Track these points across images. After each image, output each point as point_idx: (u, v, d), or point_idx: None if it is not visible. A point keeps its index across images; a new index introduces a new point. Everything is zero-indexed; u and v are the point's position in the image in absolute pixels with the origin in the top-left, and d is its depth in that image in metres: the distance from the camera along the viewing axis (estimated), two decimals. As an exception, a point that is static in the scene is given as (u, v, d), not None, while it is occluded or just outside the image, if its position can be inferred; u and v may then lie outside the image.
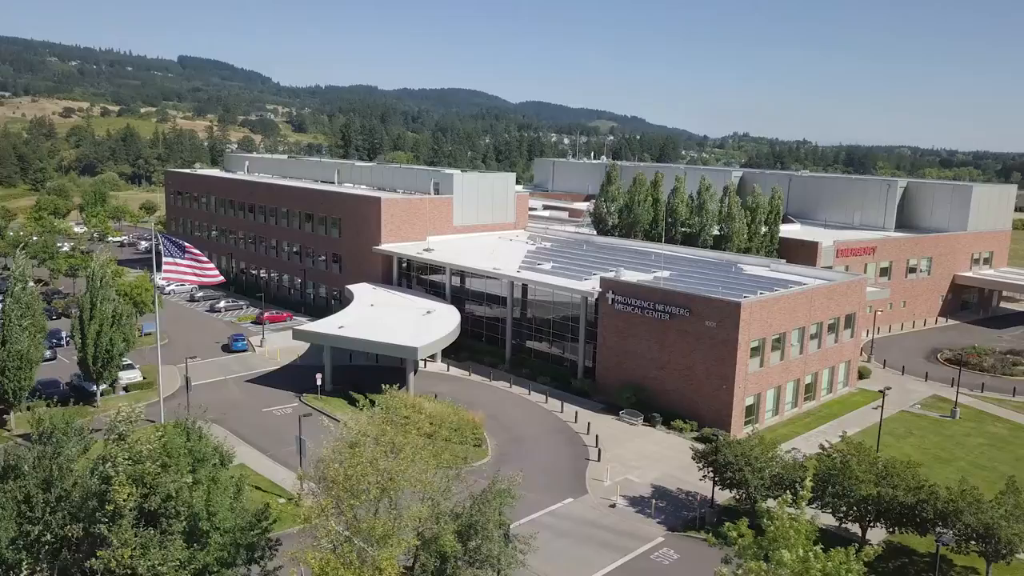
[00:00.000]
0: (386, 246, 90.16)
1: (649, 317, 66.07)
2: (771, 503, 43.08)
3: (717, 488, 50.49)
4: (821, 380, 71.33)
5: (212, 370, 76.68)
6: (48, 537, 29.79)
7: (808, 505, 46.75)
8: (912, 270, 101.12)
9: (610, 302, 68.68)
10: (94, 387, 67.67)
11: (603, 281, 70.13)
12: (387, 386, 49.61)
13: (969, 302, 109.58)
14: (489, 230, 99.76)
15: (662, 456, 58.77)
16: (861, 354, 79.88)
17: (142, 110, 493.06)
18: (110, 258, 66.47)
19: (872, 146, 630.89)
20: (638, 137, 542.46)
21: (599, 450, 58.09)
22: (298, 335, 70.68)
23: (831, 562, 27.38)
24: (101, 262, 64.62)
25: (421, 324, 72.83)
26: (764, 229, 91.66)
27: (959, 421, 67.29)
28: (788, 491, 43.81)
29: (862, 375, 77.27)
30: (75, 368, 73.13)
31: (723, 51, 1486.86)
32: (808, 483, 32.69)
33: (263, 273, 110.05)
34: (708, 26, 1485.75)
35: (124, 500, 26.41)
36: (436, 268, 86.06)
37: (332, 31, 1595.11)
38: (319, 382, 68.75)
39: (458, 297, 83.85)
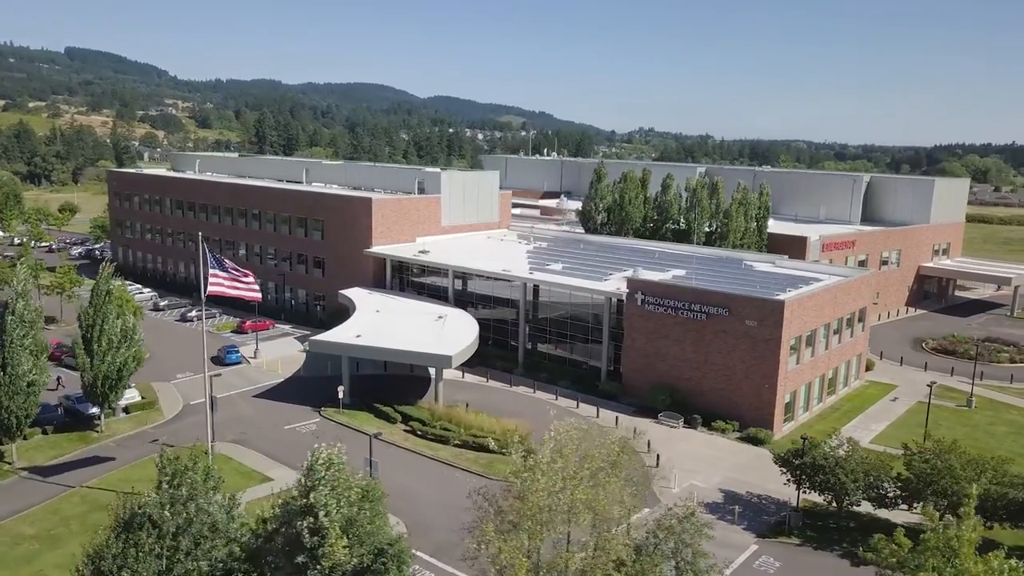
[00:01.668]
0: (378, 248, 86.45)
1: (683, 317, 65.24)
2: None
3: (788, 490, 50.28)
4: (840, 374, 72.30)
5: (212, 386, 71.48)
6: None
7: (900, 507, 47.17)
8: (884, 262, 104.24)
9: (639, 302, 67.53)
10: (91, 409, 62.05)
11: (630, 281, 68.92)
12: (420, 400, 46.68)
13: (930, 292, 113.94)
14: (475, 230, 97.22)
15: (716, 458, 58.06)
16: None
17: (31, 104, 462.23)
18: (107, 270, 60.42)
19: (771, 140, 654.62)
20: (548, 132, 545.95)
21: (657, 455, 56.85)
22: (315, 346, 66.62)
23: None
24: (104, 274, 59.04)
25: (441, 330, 69.86)
26: (753, 225, 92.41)
27: (977, 410, 69.29)
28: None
29: (868, 367, 78.86)
30: (60, 391, 67.07)
31: (626, 46, 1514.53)
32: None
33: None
34: (611, 22, 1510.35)
35: (345, 556, 23.19)
36: (435, 270, 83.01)
37: (231, 24, 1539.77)
38: (340, 395, 65.05)
39: (461, 300, 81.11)
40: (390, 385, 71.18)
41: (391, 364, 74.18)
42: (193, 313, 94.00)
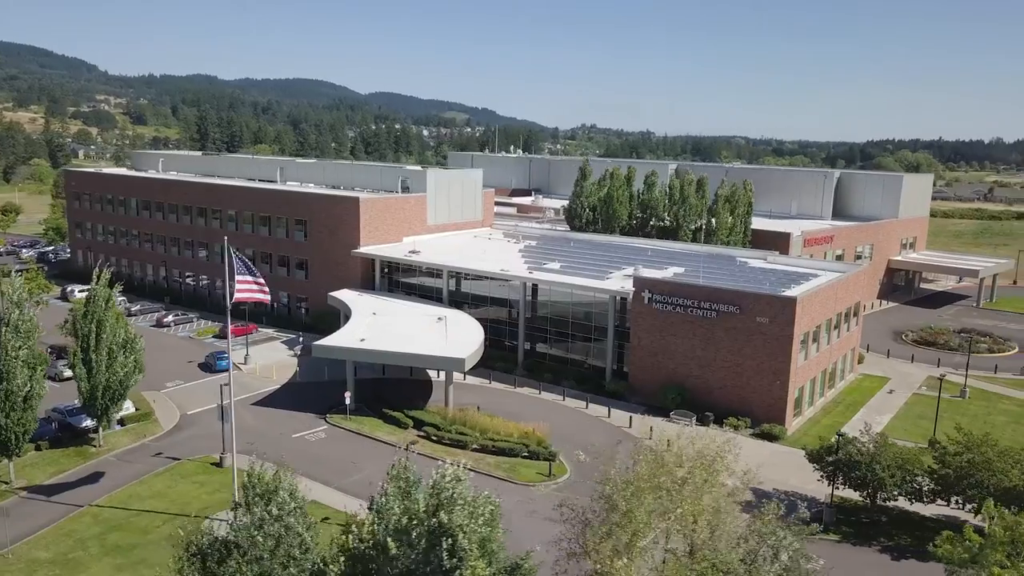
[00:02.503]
0: (366, 249, 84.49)
1: (693, 315, 65.24)
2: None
3: (814, 486, 50.75)
4: (838, 369, 73.33)
5: (205, 394, 68.84)
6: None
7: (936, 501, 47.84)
8: (859, 256, 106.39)
9: (647, 301, 67.30)
10: (85, 422, 59.07)
11: (637, 280, 68.65)
12: (427, 404, 45.62)
13: (899, 285, 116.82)
14: (459, 229, 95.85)
15: (737, 456, 57.96)
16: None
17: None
18: (104, 275, 57.44)
19: (708, 136, 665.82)
20: (495, 128, 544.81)
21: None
22: (319, 351, 64.50)
23: None
24: (102, 279, 56.05)
25: (446, 332, 68.47)
26: (739, 222, 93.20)
27: (971, 401, 71.05)
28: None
29: (859, 360, 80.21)
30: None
31: (566, 43, 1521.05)
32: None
33: (204, 282, 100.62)
34: (551, 17, 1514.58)
35: (485, 576, 22.04)
36: (429, 271, 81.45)
37: (164, 17, 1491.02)
38: (348, 401, 63.26)
39: (455, 301, 79.81)
40: (391, 389, 69.57)
41: (390, 368, 72.58)
42: (170, 318, 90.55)
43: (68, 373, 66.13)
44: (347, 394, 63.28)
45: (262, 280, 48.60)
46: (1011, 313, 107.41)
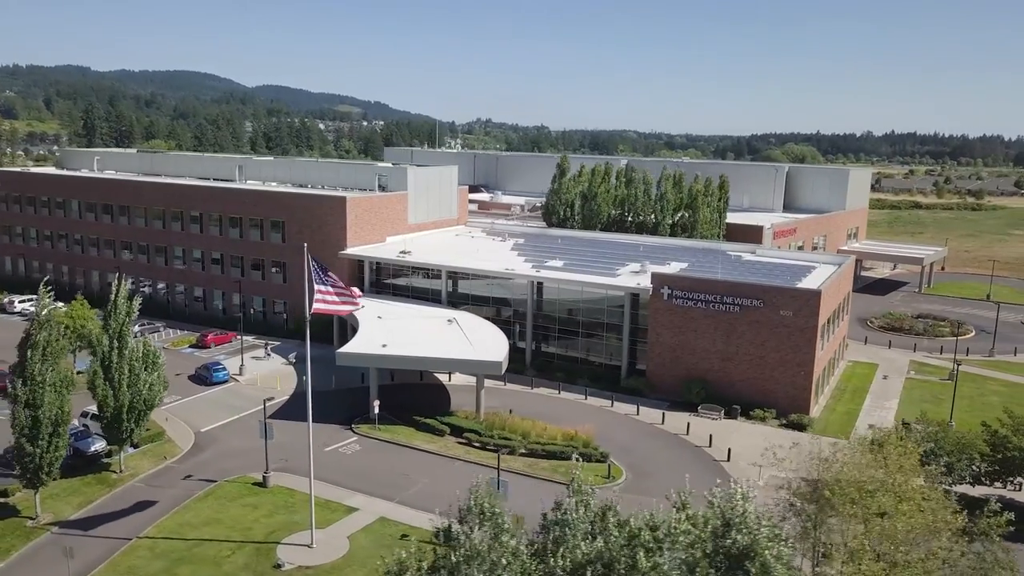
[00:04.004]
0: (354, 250, 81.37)
1: (714, 310, 65.97)
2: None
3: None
4: (836, 357, 75.92)
5: (211, 409, 64.77)
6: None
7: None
8: (815, 247, 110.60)
9: (666, 297, 67.62)
10: (94, 447, 54.53)
11: (655, 276, 68.82)
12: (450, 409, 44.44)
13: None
14: (437, 227, 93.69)
15: (774, 448, 58.87)
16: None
17: None
18: (123, 286, 52.91)
19: (601, 130, 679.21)
20: (382, 124, 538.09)
21: (729, 449, 57.11)
22: (343, 359, 61.48)
23: None
24: (120, 291, 51.69)
25: (463, 334, 66.68)
26: (716, 216, 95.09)
27: (960, 383, 74.74)
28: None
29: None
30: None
31: (457, 36, 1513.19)
32: None
33: (163, 287, 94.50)
34: (439, 6, 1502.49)
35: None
36: (426, 271, 79.17)
37: (27, 2, 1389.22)
38: (376, 409, 60.71)
39: (453, 302, 77.96)
40: (406, 395, 67.20)
41: (398, 373, 70.14)
42: (135, 328, 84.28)
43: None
44: (375, 402, 60.69)
45: (344, 287, 45.51)
46: (952, 297, 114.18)
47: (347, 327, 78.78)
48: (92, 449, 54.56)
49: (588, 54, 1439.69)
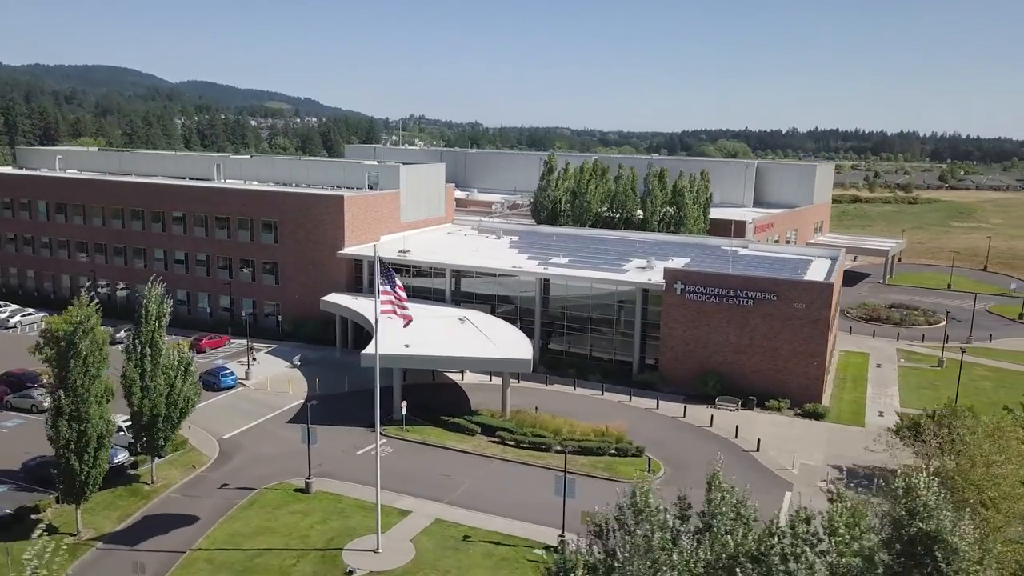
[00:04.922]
0: (351, 249, 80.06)
1: (728, 304, 67.25)
2: None
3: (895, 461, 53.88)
4: (833, 347, 78.24)
5: (227, 415, 62.87)
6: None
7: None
8: (788, 240, 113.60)
9: (679, 292, 68.60)
10: (118, 457, 52.41)
11: (668, 272, 69.71)
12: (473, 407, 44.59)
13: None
14: (427, 225, 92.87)
15: (799, 437, 60.49)
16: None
17: None
18: (155, 289, 50.82)
19: (535, 127, 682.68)
20: (315, 121, 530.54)
21: (758, 440, 58.30)
22: (367, 360, 60.25)
23: None
24: (153, 294, 49.79)
25: (480, 332, 66.34)
26: (701, 211, 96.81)
27: (950, 369, 78.03)
28: None
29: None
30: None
31: (387, 32, 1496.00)
32: None
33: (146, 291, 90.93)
34: (364, 3, 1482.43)
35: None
36: (430, 270, 78.44)
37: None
38: (403, 411, 59.98)
39: (457, 300, 77.49)
40: (422, 395, 66.40)
41: (411, 373, 69.28)
42: (122, 334, 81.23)
43: (48, 403, 57.91)
44: (402, 403, 59.95)
45: (403, 296, 44.51)
46: (914, 287, 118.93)
47: (347, 328, 77.72)
48: (116, 460, 52.35)
49: (519, 50, 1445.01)
